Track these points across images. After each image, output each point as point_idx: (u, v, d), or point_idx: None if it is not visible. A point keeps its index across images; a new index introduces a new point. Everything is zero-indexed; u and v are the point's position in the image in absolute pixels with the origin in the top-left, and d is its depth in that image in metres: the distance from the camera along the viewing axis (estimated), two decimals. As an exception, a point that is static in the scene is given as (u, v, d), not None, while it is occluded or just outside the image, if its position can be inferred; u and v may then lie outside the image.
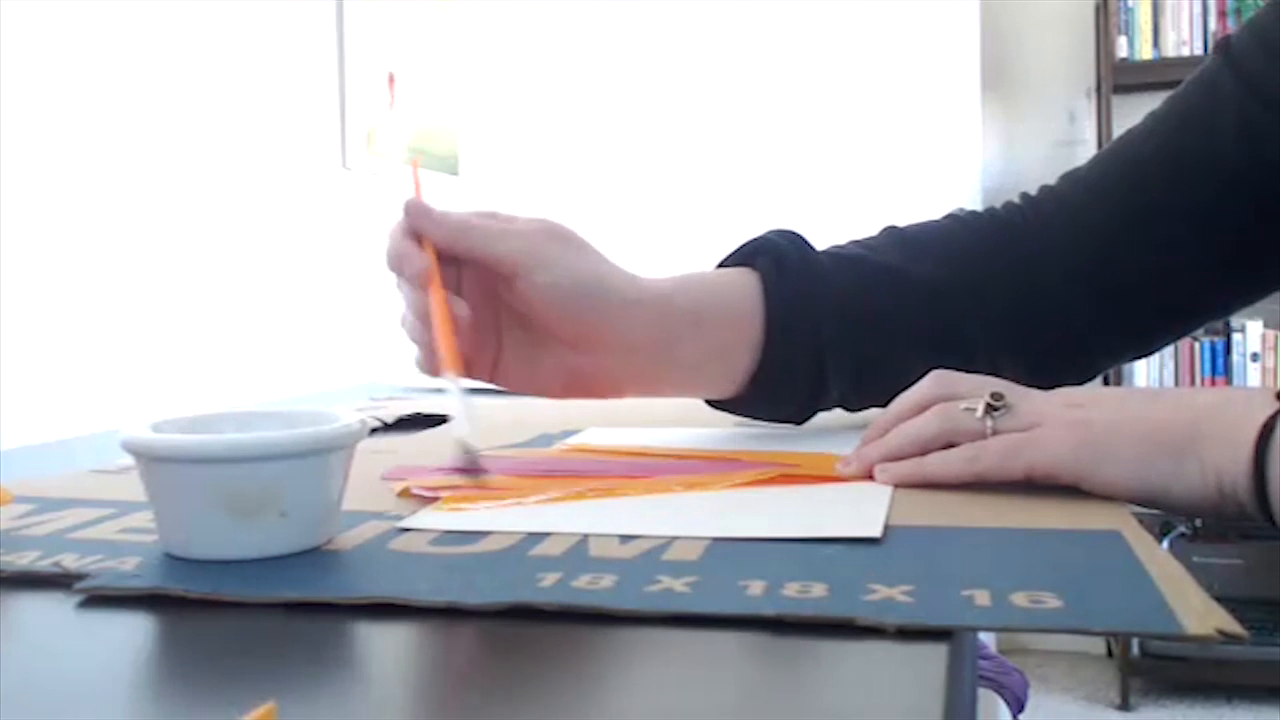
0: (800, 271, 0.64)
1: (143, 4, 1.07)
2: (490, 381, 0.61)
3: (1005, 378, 0.66)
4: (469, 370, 0.57)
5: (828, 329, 0.63)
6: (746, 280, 0.63)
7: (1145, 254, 0.67)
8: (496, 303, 0.59)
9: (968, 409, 0.52)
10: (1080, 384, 0.70)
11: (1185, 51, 2.50)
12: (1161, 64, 2.51)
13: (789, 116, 2.42)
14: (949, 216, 0.73)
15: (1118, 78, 2.51)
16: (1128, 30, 2.52)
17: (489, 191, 1.90)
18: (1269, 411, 0.46)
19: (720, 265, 0.66)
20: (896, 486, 0.51)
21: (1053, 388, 0.69)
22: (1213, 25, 2.50)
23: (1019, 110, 2.71)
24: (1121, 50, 2.52)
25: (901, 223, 0.74)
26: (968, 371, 0.65)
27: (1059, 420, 0.50)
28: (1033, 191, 0.75)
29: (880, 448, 0.54)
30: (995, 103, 2.66)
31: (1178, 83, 0.72)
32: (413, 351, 0.58)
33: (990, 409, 0.52)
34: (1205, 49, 2.50)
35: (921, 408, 0.55)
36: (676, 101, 2.46)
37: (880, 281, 0.66)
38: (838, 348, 0.64)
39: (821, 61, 2.41)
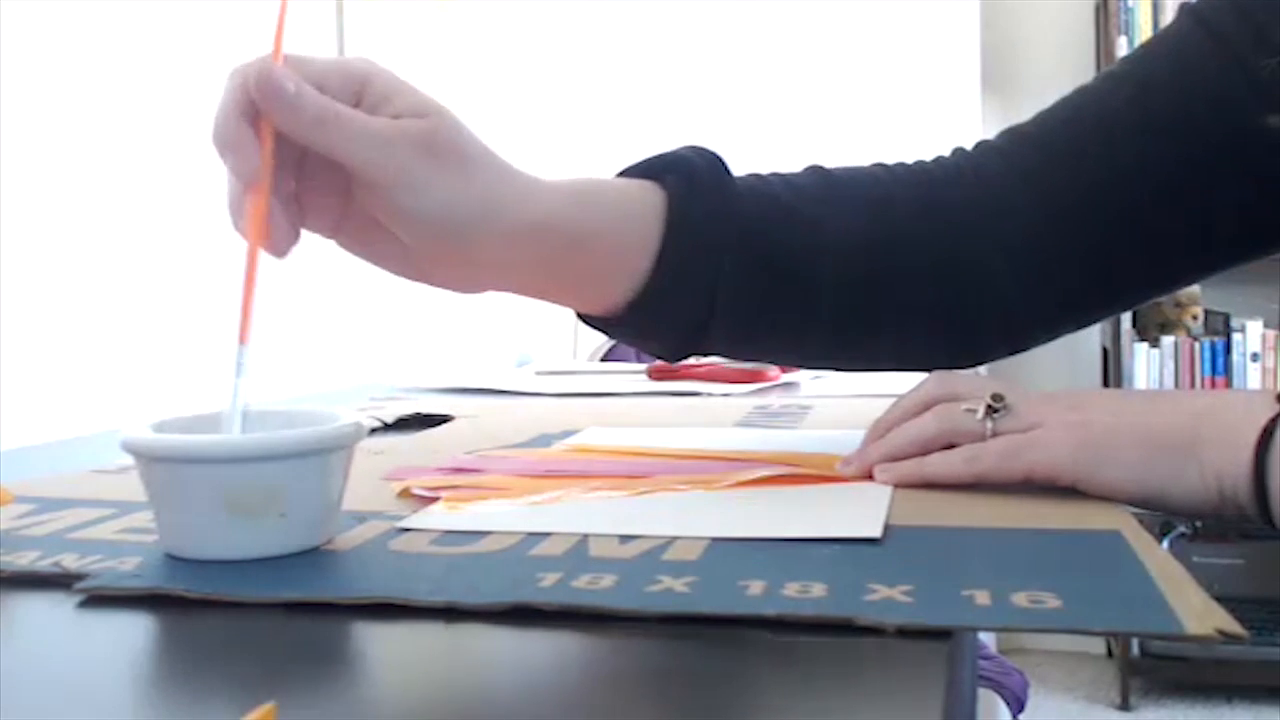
0: (709, 198, 0.57)
1: (143, 4, 1.07)
2: (329, 237, 0.53)
3: (917, 348, 0.64)
4: (305, 218, 0.50)
5: (727, 266, 0.57)
6: (650, 199, 0.56)
7: (1103, 223, 0.62)
8: (345, 199, 0.51)
9: (968, 410, 0.52)
10: (1008, 356, 0.67)
11: (1185, 51, 2.49)
12: (1161, 64, 2.50)
13: (789, 116, 2.42)
14: (879, 165, 0.66)
15: (1118, 78, 2.51)
16: (1128, 30, 2.52)
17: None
18: (1269, 414, 0.46)
19: (625, 172, 0.59)
20: (897, 487, 0.51)
21: (978, 363, 0.67)
22: (1213, 25, 2.50)
23: (1019, 110, 2.70)
24: (1121, 50, 2.52)
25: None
26: (871, 338, 0.62)
27: (1059, 422, 0.50)
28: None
29: (881, 448, 0.54)
30: (995, 103, 2.66)
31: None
32: (230, 216, 0.51)
33: (991, 410, 0.52)
34: (1205, 49, 2.50)
35: (922, 408, 0.54)
36: (676, 101, 2.46)
37: (794, 230, 0.59)
38: (732, 290, 0.57)
39: (822, 61, 2.42)
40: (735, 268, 0.57)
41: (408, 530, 0.45)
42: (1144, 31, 2.51)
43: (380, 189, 0.48)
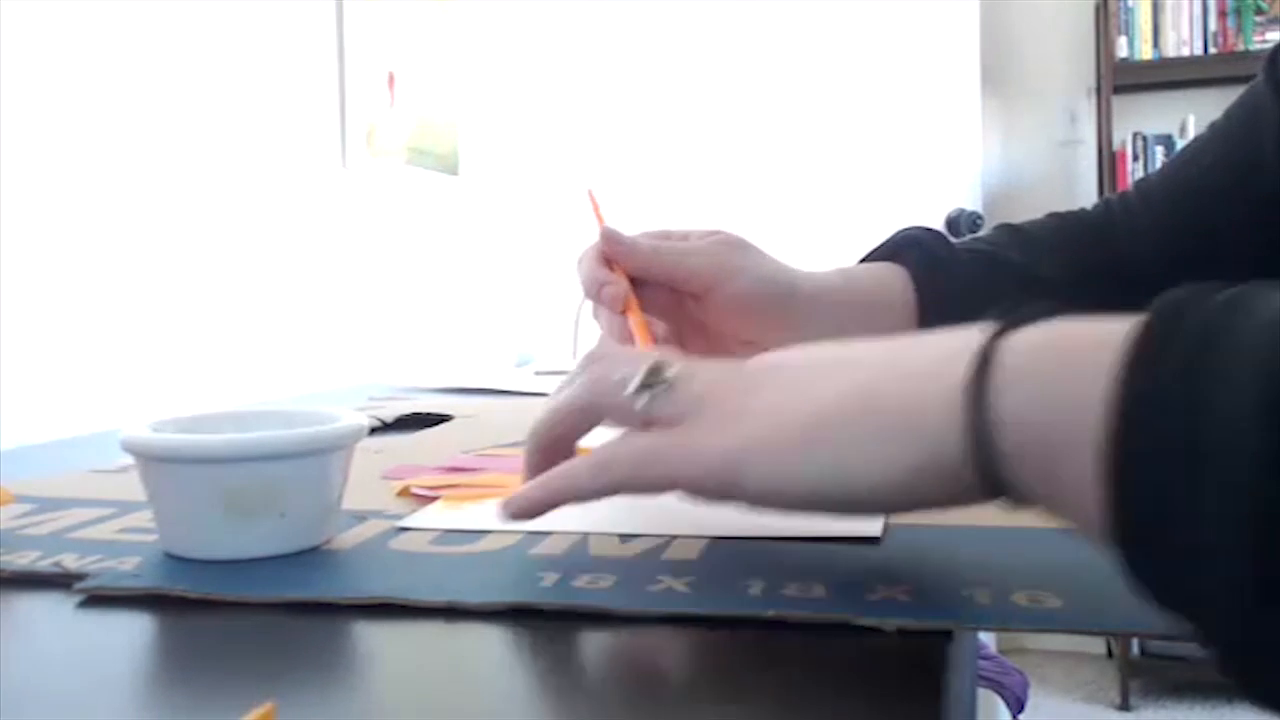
0: (945, 266, 0.66)
1: (143, 4, 1.07)
2: None
3: None
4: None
5: (971, 321, 0.65)
6: (898, 275, 0.66)
7: (1196, 273, 0.70)
8: (679, 317, 0.62)
9: (620, 380, 0.40)
10: None
11: (1185, 51, 2.50)
12: (1161, 64, 2.51)
13: (789, 116, 2.42)
14: (1051, 215, 0.75)
15: (1118, 78, 2.51)
16: (1128, 30, 2.52)
17: (489, 191, 1.90)
18: (979, 339, 0.34)
19: (864, 260, 0.69)
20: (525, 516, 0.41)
21: None
22: (1213, 25, 2.50)
23: (1019, 110, 2.71)
24: (1121, 50, 2.52)
25: (902, 223, 0.75)
26: None
27: (716, 412, 0.38)
28: (1029, 193, 0.78)
29: (532, 437, 0.44)
30: (995, 103, 2.66)
31: (1178, 83, 0.73)
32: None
33: (646, 386, 0.39)
34: (1205, 49, 2.50)
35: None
36: (676, 101, 2.46)
37: (1009, 278, 0.68)
38: None
39: (822, 62, 2.41)
40: (977, 317, 0.64)
41: (407, 530, 0.45)
42: (1144, 32, 2.51)
43: (712, 287, 0.59)
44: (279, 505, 0.41)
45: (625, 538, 0.42)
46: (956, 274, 0.66)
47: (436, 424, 0.79)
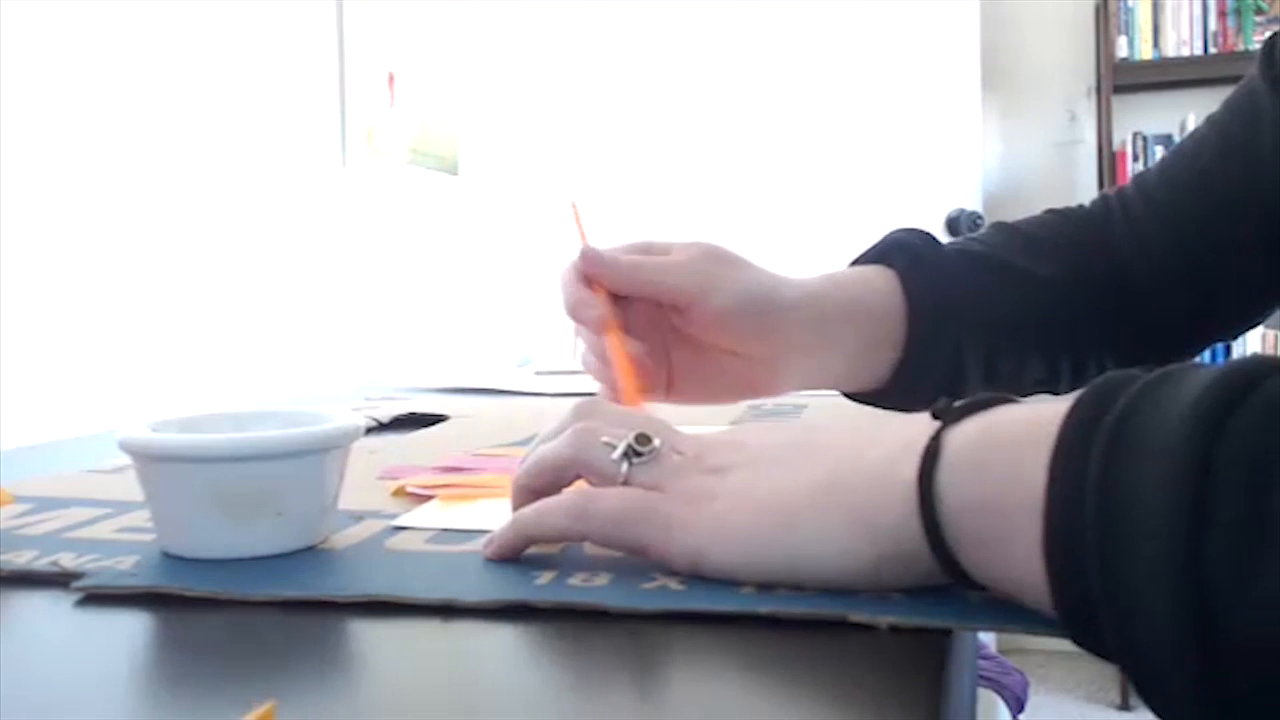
0: (935, 269, 0.66)
1: (143, 4, 1.07)
2: (667, 401, 0.64)
3: (1107, 367, 0.70)
4: (646, 395, 0.59)
5: (963, 326, 0.65)
6: (885, 278, 0.65)
7: (1197, 267, 0.70)
8: (663, 328, 0.62)
9: (607, 443, 0.42)
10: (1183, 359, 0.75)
11: (1185, 51, 2.50)
12: (1161, 64, 2.51)
13: (790, 116, 2.42)
14: (1049, 212, 0.75)
15: (1118, 78, 2.51)
16: (1128, 30, 2.52)
17: (489, 191, 1.90)
18: (926, 433, 0.36)
19: (853, 264, 0.69)
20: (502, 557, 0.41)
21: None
22: (1213, 25, 2.50)
23: (1019, 110, 2.71)
24: (1121, 50, 2.52)
25: (902, 223, 0.75)
26: (1079, 367, 0.70)
27: (683, 492, 0.40)
28: (1029, 193, 0.77)
29: (519, 476, 0.44)
30: (995, 103, 2.66)
31: (1178, 83, 0.73)
32: (599, 387, 0.61)
33: (633, 452, 0.42)
34: (1205, 49, 2.50)
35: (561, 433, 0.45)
36: (676, 101, 2.46)
37: (1005, 280, 0.68)
38: (972, 344, 0.66)
39: (822, 62, 2.42)
40: (969, 323, 0.65)
41: (403, 529, 0.45)
42: (1144, 32, 2.51)
43: (696, 301, 0.59)
44: (276, 505, 0.41)
45: (621, 537, 0.42)
46: (947, 276, 0.66)
47: (432, 424, 0.79)
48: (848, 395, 0.69)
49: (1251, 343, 2.45)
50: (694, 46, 2.47)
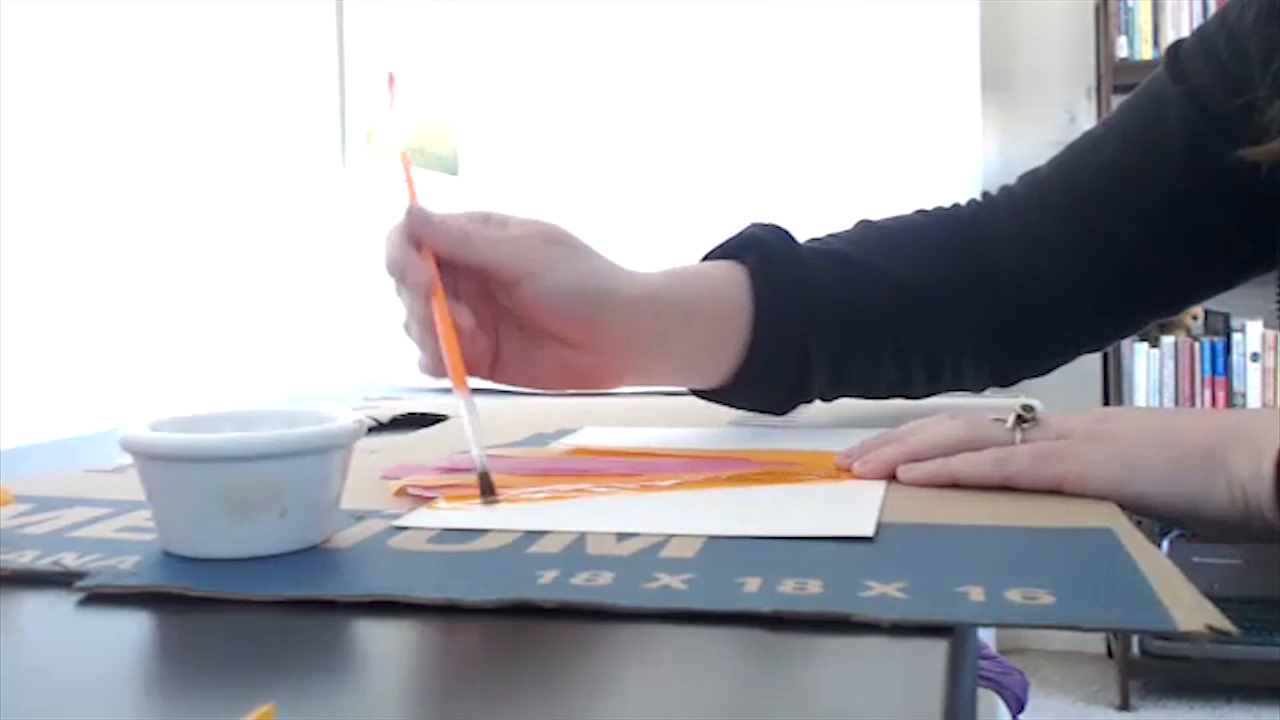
0: (786, 268, 0.64)
1: (143, 4, 1.07)
2: (489, 379, 0.61)
3: (970, 375, 0.70)
4: (471, 371, 0.57)
5: (812, 326, 0.64)
6: (734, 275, 0.64)
7: (1096, 267, 0.69)
8: (493, 303, 0.59)
9: (997, 420, 0.52)
10: (1039, 376, 0.74)
11: (1185, 51, 2.49)
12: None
13: (789, 116, 2.42)
14: (919, 212, 0.74)
15: (1118, 78, 2.51)
16: (1128, 30, 2.52)
17: (489, 191, 1.90)
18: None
19: (706, 258, 0.67)
20: (920, 486, 0.51)
21: (1016, 381, 0.72)
22: (1212, 25, 2.49)
23: (1019, 110, 2.71)
24: (1121, 50, 2.52)
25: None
26: (932, 367, 0.69)
27: (1089, 433, 0.50)
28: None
29: (901, 448, 0.53)
30: (995, 103, 2.66)
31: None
32: (415, 355, 0.58)
33: (1020, 420, 0.51)
34: (1205, 49, 2.50)
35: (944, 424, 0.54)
36: (676, 101, 2.46)
37: (861, 280, 0.66)
38: (821, 344, 0.65)
39: (821, 61, 2.42)
40: (818, 323, 0.64)
41: (405, 529, 0.45)
42: (1144, 32, 2.51)
43: (521, 280, 0.56)
44: (278, 504, 0.41)
45: (622, 536, 0.42)
46: (799, 275, 0.64)
47: (432, 424, 0.79)
48: (694, 393, 0.68)
49: (1252, 341, 2.45)
50: (694, 46, 2.47)
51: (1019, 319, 0.70)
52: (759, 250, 0.65)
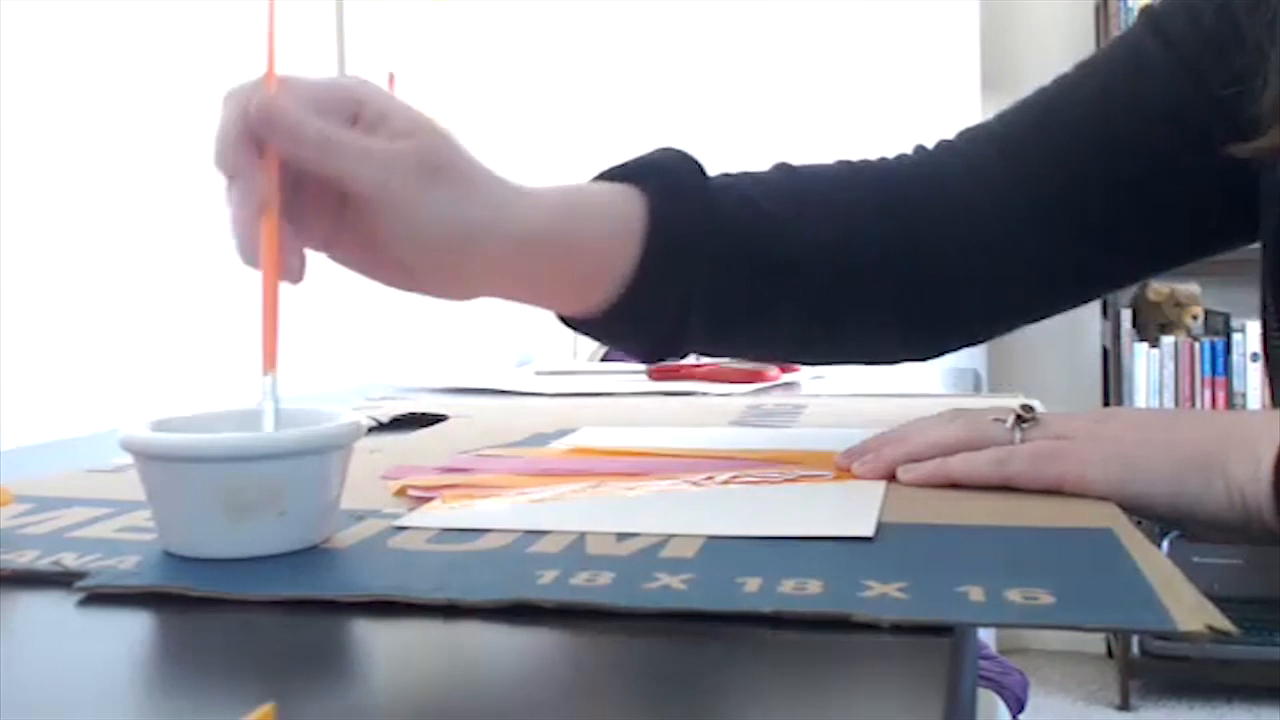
0: (689, 206, 0.58)
1: (143, 4, 1.07)
2: (321, 251, 0.53)
3: (880, 341, 0.66)
4: (299, 234, 0.49)
5: (704, 273, 0.59)
6: (632, 206, 0.58)
7: (1064, 227, 0.64)
8: (337, 219, 0.51)
9: (997, 420, 0.52)
10: (962, 348, 0.69)
11: (1185, 51, 2.49)
12: (1161, 64, 2.50)
13: (789, 117, 2.42)
14: (843, 163, 0.68)
15: (1117, 78, 2.51)
16: (1127, 30, 2.52)
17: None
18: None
19: (603, 176, 0.60)
20: (919, 486, 0.51)
21: (937, 354, 0.68)
22: (1212, 25, 2.49)
23: (1019, 110, 2.71)
24: (1121, 50, 2.52)
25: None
26: (838, 331, 0.64)
27: (1089, 434, 0.50)
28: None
29: (902, 448, 0.53)
30: (995, 103, 2.66)
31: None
32: (233, 241, 0.49)
33: (1020, 420, 0.51)
34: (1205, 49, 2.49)
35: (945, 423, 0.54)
36: (676, 101, 2.46)
37: (767, 232, 0.61)
38: (709, 293, 0.59)
39: (821, 61, 2.42)
40: (711, 271, 0.59)
41: (405, 528, 0.45)
42: (1143, 32, 2.51)
43: (381, 210, 0.48)
44: (279, 504, 0.41)
45: (622, 536, 0.42)
46: (698, 213, 0.58)
47: (432, 424, 0.79)
48: (561, 320, 0.61)
49: (1252, 341, 2.45)
50: (694, 46, 2.47)
51: (946, 291, 0.64)
52: (664, 179, 0.59)
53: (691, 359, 0.69)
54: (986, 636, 2.07)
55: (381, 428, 0.78)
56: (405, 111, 0.50)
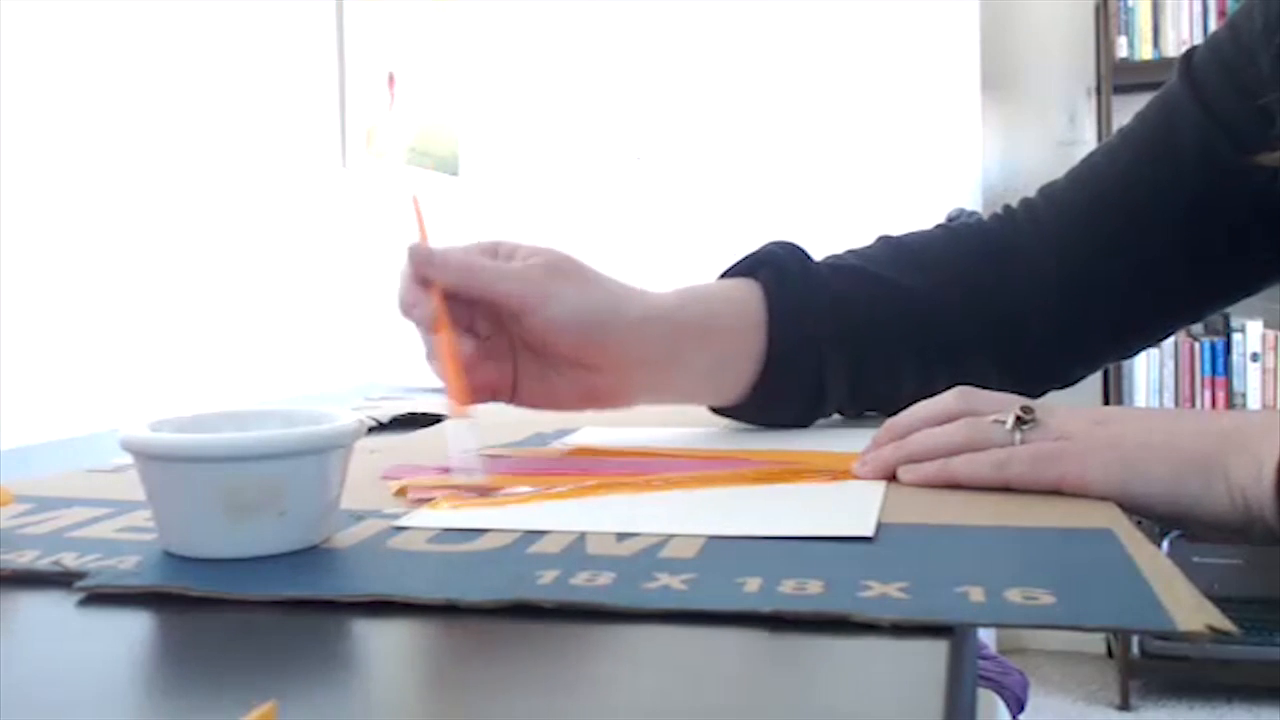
0: (801, 284, 0.65)
1: (143, 4, 1.07)
2: (511, 403, 0.63)
3: (988, 384, 0.73)
4: (493, 396, 0.61)
5: (827, 341, 0.65)
6: (749, 292, 0.65)
7: (1115, 276, 0.70)
8: (503, 330, 0.61)
9: (997, 421, 0.52)
10: (1060, 389, 0.74)
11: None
12: (1161, 64, 2.50)
13: (789, 118, 2.42)
14: (940, 227, 0.75)
15: (1118, 78, 2.51)
16: (1128, 30, 2.52)
17: (489, 192, 1.90)
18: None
19: (722, 276, 0.68)
20: (920, 487, 0.51)
21: (1032, 395, 0.74)
22: (1212, 25, 2.49)
23: (1019, 110, 2.71)
24: (1121, 50, 2.52)
25: (902, 223, 0.76)
26: (954, 379, 0.68)
27: (1089, 435, 0.50)
28: (1030, 193, 0.77)
29: (902, 450, 0.53)
30: (995, 103, 2.66)
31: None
32: (442, 388, 0.60)
33: (1020, 422, 0.51)
34: (1205, 49, 2.49)
35: (945, 418, 0.54)
36: (676, 102, 2.46)
37: (876, 293, 0.67)
38: (836, 359, 0.66)
39: (822, 62, 2.42)
40: (833, 338, 0.66)
41: (405, 528, 0.45)
42: (1144, 32, 2.51)
43: (529, 310, 0.58)
44: (279, 504, 0.41)
45: (622, 536, 0.42)
46: (813, 287, 0.65)
47: (432, 424, 0.79)
48: (713, 410, 0.69)
49: (1252, 341, 2.45)
50: (694, 47, 2.47)
51: (1039, 331, 0.71)
52: (773, 266, 0.66)
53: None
54: (986, 636, 2.07)
55: (381, 428, 0.78)
56: (531, 247, 0.61)
